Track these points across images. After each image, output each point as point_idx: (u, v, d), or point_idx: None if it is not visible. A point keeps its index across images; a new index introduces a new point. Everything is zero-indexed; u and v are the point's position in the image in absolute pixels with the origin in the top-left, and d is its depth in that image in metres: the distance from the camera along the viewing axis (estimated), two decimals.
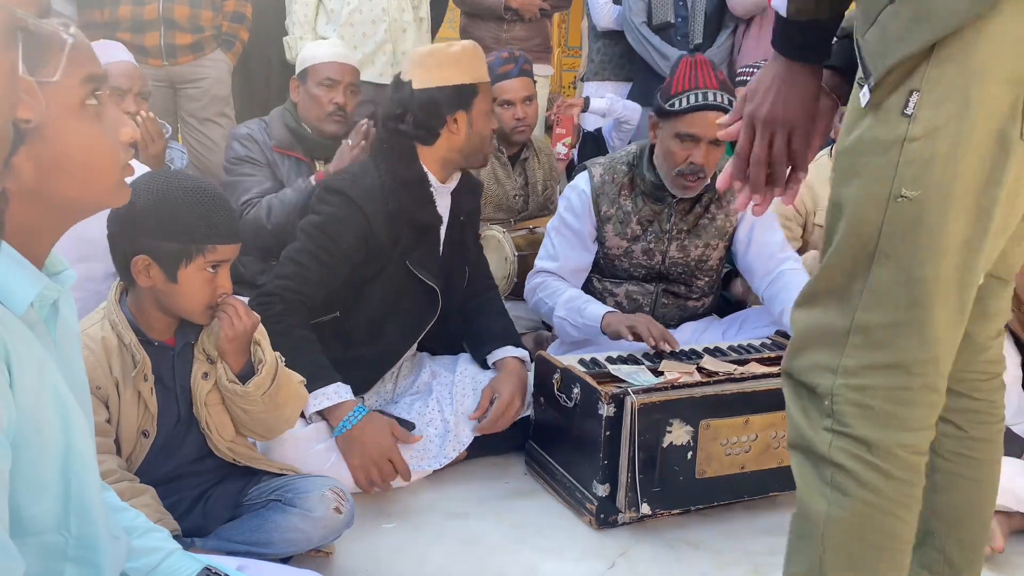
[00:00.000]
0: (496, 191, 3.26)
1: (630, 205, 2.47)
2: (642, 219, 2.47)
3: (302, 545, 1.70)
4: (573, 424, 2.05)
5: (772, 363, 2.16)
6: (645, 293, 2.56)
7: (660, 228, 2.48)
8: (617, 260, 2.52)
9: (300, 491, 1.72)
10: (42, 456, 0.94)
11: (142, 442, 1.65)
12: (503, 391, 2.21)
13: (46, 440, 0.95)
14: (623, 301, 2.55)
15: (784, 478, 2.01)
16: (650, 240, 2.49)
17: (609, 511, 1.97)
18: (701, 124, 2.27)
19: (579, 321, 2.38)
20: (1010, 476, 1.93)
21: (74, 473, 0.98)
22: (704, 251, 2.51)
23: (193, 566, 1.20)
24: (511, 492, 2.18)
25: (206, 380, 1.69)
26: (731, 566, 1.88)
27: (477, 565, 1.87)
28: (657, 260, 2.51)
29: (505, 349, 2.32)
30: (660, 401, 1.90)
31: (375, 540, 1.93)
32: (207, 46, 3.69)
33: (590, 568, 1.86)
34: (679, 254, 2.50)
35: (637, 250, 2.50)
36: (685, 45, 4.04)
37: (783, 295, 2.37)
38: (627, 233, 2.48)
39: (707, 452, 1.94)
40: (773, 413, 1.98)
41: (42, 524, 0.96)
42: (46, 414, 0.94)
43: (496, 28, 4.06)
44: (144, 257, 1.57)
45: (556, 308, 2.44)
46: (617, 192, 2.47)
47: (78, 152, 0.92)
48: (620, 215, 2.47)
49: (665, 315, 2.57)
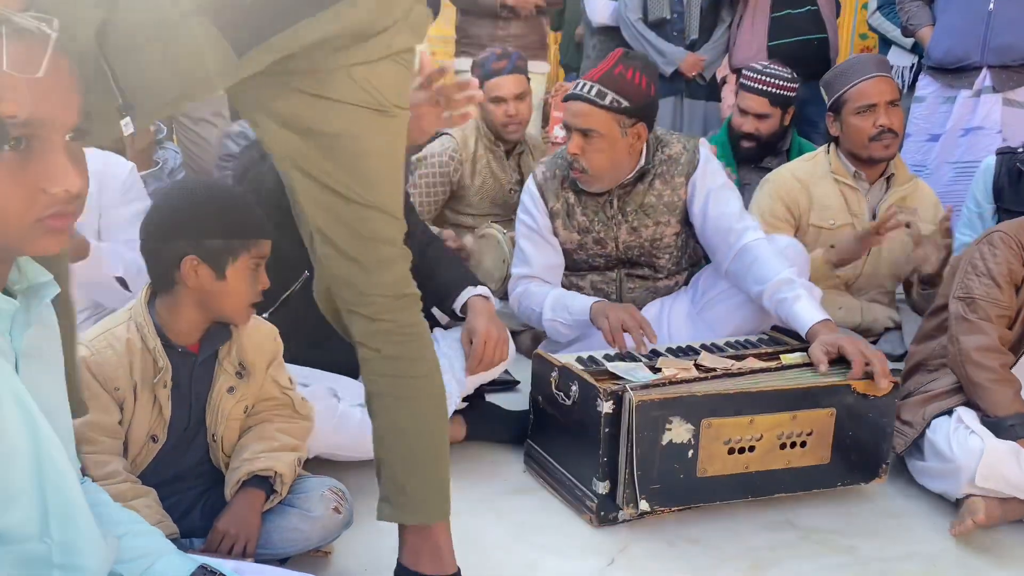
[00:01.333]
0: (492, 185, 3.26)
1: (572, 197, 2.49)
2: (586, 209, 2.48)
3: (301, 545, 1.69)
4: (572, 422, 2.05)
5: (770, 358, 2.15)
6: (608, 281, 2.57)
7: (605, 215, 2.48)
8: (575, 253, 2.54)
9: (299, 491, 1.72)
10: (9, 465, 0.93)
11: (150, 446, 1.66)
12: (477, 328, 2.16)
13: (9, 449, 0.93)
14: (589, 291, 2.56)
15: (791, 480, 2.02)
16: (599, 229, 2.49)
17: (609, 508, 1.97)
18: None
19: (568, 318, 2.39)
20: (1001, 461, 1.93)
21: (49, 480, 0.98)
22: (656, 229, 2.50)
23: (188, 566, 1.20)
24: (510, 490, 2.18)
25: (231, 395, 1.69)
26: (731, 561, 1.88)
27: (476, 563, 1.86)
28: (611, 247, 2.51)
29: (465, 291, 2.26)
30: (659, 398, 1.89)
31: (374, 539, 1.92)
32: None
33: (589, 565, 1.86)
34: (631, 236, 2.50)
35: (589, 241, 2.51)
36: (681, 41, 4.03)
37: (756, 272, 2.29)
38: (575, 225, 2.50)
39: (709, 451, 1.93)
40: (779, 414, 1.96)
41: (21, 533, 0.96)
42: (7, 424, 0.93)
43: (492, 26, 4.06)
44: (193, 257, 1.58)
45: (544, 311, 2.45)
46: (559, 185, 2.50)
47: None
48: (565, 207, 2.50)
49: (635, 299, 2.56)
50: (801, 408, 1.97)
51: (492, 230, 3.09)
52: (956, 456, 1.99)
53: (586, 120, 2.35)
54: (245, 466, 1.66)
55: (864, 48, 6.08)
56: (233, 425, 1.72)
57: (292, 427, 1.77)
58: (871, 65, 2.86)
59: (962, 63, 3.52)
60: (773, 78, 3.32)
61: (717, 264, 2.49)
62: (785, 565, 1.88)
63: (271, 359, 1.78)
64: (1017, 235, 2.10)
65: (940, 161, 3.60)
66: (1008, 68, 3.48)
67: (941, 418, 2.10)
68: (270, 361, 1.78)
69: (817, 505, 2.08)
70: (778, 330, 2.36)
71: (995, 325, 2.07)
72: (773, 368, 2.08)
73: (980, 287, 2.09)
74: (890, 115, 2.73)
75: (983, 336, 2.06)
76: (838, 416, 2.00)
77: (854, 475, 2.07)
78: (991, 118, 3.49)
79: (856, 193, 2.85)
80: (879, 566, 1.89)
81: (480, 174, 3.23)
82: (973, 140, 3.54)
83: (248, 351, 1.72)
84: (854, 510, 2.09)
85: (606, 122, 2.34)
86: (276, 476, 1.66)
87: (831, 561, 1.90)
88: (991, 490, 1.94)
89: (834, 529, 2.02)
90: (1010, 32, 3.42)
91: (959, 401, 2.10)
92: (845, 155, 2.84)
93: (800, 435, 1.98)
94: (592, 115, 2.34)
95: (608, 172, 2.41)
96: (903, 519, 2.08)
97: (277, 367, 1.80)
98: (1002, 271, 2.07)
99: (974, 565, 1.90)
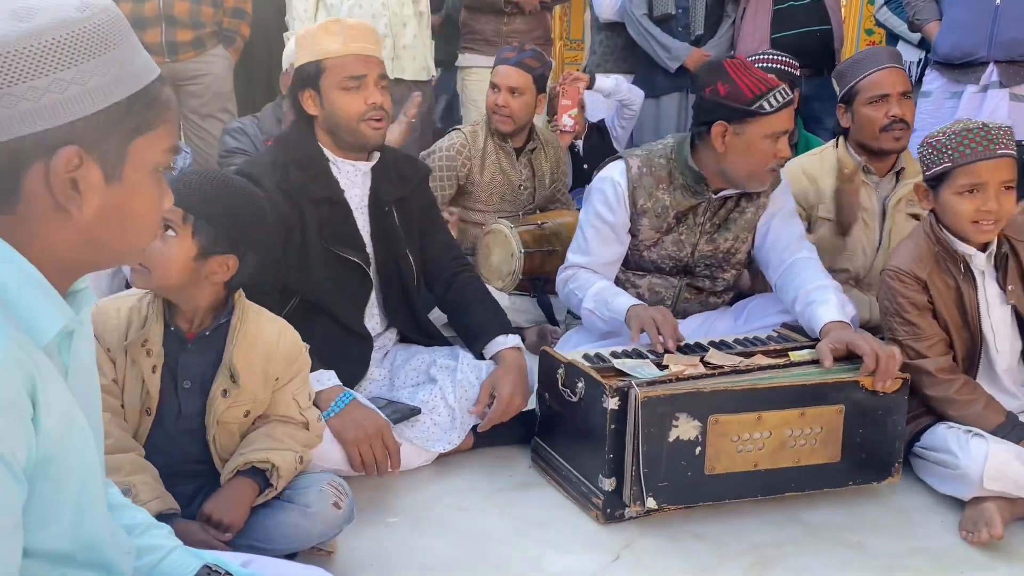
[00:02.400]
0: (501, 182, 3.25)
1: (668, 199, 2.45)
2: (679, 213, 2.46)
3: (302, 542, 1.69)
4: (578, 418, 2.05)
5: (778, 355, 2.14)
6: (668, 286, 2.56)
7: (693, 221, 2.48)
8: (646, 251, 2.52)
9: (298, 487, 1.72)
10: (58, 491, 0.94)
11: (145, 420, 1.68)
12: (502, 388, 2.19)
13: (63, 475, 0.94)
14: (645, 293, 2.55)
15: (800, 478, 2.01)
16: (682, 232, 2.49)
17: (615, 505, 1.96)
18: (783, 121, 2.31)
19: (606, 314, 2.38)
20: (1006, 463, 1.93)
21: (86, 506, 0.98)
22: (733, 244, 2.51)
23: (194, 563, 1.20)
24: (515, 485, 2.18)
25: (225, 398, 1.69)
26: (736, 557, 1.88)
27: (481, 559, 1.87)
28: (686, 253, 2.51)
29: (497, 341, 2.30)
30: (665, 395, 1.89)
31: (379, 535, 1.93)
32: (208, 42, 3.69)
33: (595, 561, 1.86)
34: (708, 247, 2.50)
35: (668, 241, 2.50)
36: (686, 36, 4.02)
37: (796, 282, 2.35)
38: (662, 227, 2.48)
39: (716, 448, 1.92)
40: (788, 411, 1.95)
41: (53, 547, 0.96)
42: (65, 445, 0.93)
43: (496, 21, 4.06)
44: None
45: (585, 299, 2.43)
46: (655, 185, 2.45)
47: (142, 210, 0.96)
48: (657, 208, 2.46)
49: (687, 309, 2.58)
50: (809, 405, 1.96)
51: (500, 225, 3.08)
52: (961, 460, 1.99)
53: (791, 120, 2.35)
54: (241, 458, 1.67)
55: (870, 43, 6.06)
56: (230, 428, 1.72)
57: (300, 435, 1.77)
58: (884, 56, 2.84)
59: (969, 58, 3.50)
60: (774, 55, 3.28)
61: (768, 276, 2.52)
62: (791, 561, 1.88)
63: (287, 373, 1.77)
64: (899, 267, 2.18)
65: None
66: (1015, 63, 3.47)
67: (929, 430, 2.13)
68: (287, 376, 1.77)
69: (823, 501, 2.07)
70: (788, 327, 2.35)
71: (932, 357, 2.13)
72: (781, 365, 2.07)
73: (899, 330, 2.18)
74: (902, 106, 2.72)
75: (926, 375, 2.13)
76: (847, 413, 1.99)
77: (865, 474, 2.06)
78: (998, 113, 3.46)
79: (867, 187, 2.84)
80: (886, 561, 1.89)
81: (489, 170, 3.22)
82: None
83: (246, 357, 1.70)
84: (860, 506, 2.09)
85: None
86: (272, 469, 1.67)
87: (837, 557, 1.90)
88: (999, 492, 1.94)
89: (840, 525, 2.01)
90: (1017, 27, 3.41)
91: (932, 420, 2.14)
92: (855, 147, 2.83)
93: (809, 433, 1.97)
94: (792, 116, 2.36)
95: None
96: (910, 515, 2.07)
97: (300, 385, 1.79)
98: (905, 307, 2.16)
99: (981, 561, 1.90)
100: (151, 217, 0.98)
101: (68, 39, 0.86)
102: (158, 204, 0.98)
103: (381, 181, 2.34)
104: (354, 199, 2.31)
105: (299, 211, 2.19)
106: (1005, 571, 1.87)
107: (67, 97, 0.86)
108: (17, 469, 0.86)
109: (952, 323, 2.16)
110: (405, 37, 3.55)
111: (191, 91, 3.74)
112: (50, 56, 0.85)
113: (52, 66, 0.85)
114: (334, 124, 2.24)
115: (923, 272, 2.15)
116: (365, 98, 2.22)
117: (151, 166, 0.95)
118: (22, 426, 0.86)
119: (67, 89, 0.86)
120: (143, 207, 0.96)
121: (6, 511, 0.86)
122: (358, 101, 2.22)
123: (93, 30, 0.88)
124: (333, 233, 2.24)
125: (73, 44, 0.86)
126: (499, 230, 3.07)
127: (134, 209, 0.95)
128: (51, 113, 0.85)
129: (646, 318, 2.23)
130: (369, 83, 2.23)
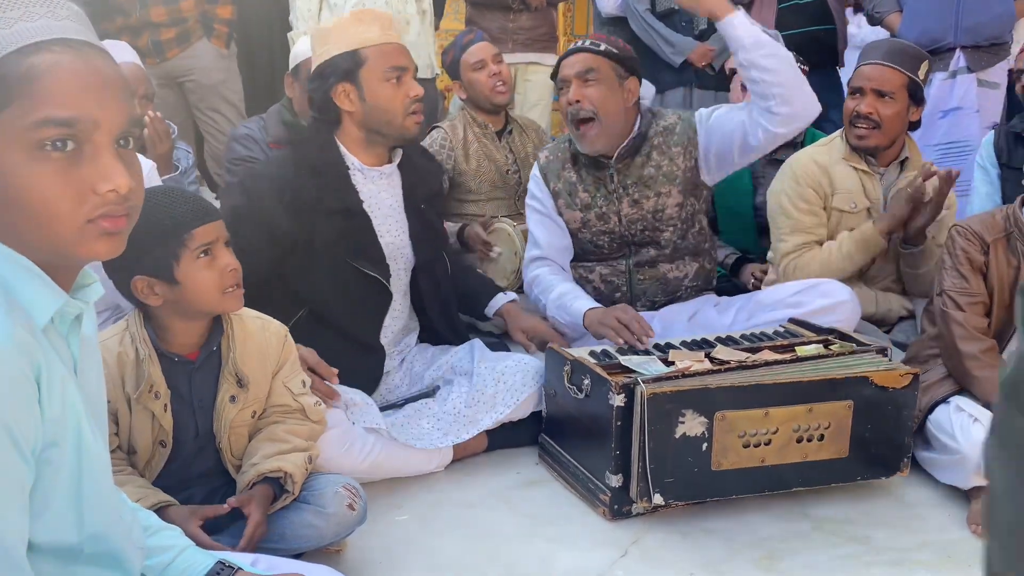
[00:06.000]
0: (488, 167, 3.26)
1: (574, 176, 2.54)
2: (587, 186, 2.52)
3: (315, 541, 1.70)
4: (584, 415, 2.05)
5: (784, 351, 2.14)
6: (618, 273, 2.57)
7: (607, 189, 2.51)
8: (579, 233, 2.56)
9: (313, 488, 1.73)
10: (58, 475, 0.94)
11: (160, 451, 1.67)
12: (535, 324, 2.44)
13: (64, 460, 0.95)
14: (600, 286, 2.58)
15: (808, 473, 2.00)
16: (601, 204, 2.52)
17: (623, 502, 1.97)
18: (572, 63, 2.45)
19: (567, 319, 2.41)
20: None
21: (91, 495, 0.98)
22: (657, 200, 2.50)
23: (206, 561, 1.21)
24: (523, 483, 2.18)
25: (233, 404, 1.69)
26: (744, 552, 1.88)
27: (489, 556, 1.87)
28: (614, 222, 2.52)
29: (496, 299, 2.52)
30: (671, 391, 1.89)
31: (388, 532, 1.93)
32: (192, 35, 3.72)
33: (603, 557, 1.87)
34: (633, 210, 2.51)
35: (592, 217, 2.53)
36: (690, 31, 4.01)
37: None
38: (577, 203, 2.53)
39: (723, 444, 1.92)
40: (795, 406, 1.95)
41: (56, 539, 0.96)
42: (64, 432, 0.94)
43: (502, 18, 4.05)
44: (140, 278, 1.57)
45: (548, 306, 2.50)
46: (560, 167, 2.55)
47: (30, 194, 0.89)
48: (567, 187, 2.54)
49: (646, 291, 2.57)
50: (817, 400, 1.96)
51: (503, 224, 3.09)
52: (961, 445, 1.99)
53: (584, 62, 2.41)
54: (253, 469, 1.66)
55: None
56: (240, 431, 1.72)
57: (302, 429, 1.77)
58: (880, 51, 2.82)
59: (936, 44, 3.55)
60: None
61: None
62: (799, 555, 1.88)
63: (278, 363, 1.77)
64: (970, 225, 2.24)
65: (922, 145, 3.59)
66: (980, 48, 3.56)
67: (940, 408, 2.12)
68: (278, 365, 1.77)
69: (831, 495, 2.07)
70: (795, 322, 2.35)
71: (969, 313, 2.17)
72: (788, 360, 2.07)
73: (948, 280, 2.22)
74: (875, 104, 2.66)
75: (959, 326, 2.16)
76: (856, 408, 1.98)
77: (874, 469, 2.05)
78: (968, 98, 3.55)
79: (872, 178, 2.83)
80: (893, 556, 1.89)
81: (474, 158, 3.23)
82: (953, 121, 3.60)
83: (248, 359, 1.70)
84: (868, 500, 2.09)
85: (603, 65, 2.42)
86: (286, 476, 1.67)
87: (845, 551, 1.90)
88: None
89: (848, 519, 2.01)
90: (979, 12, 3.50)
91: (952, 389, 2.14)
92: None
93: (817, 428, 1.97)
94: (590, 59, 2.42)
95: (612, 118, 2.41)
96: (917, 509, 2.07)
97: (290, 371, 1.79)
98: (961, 260, 2.20)
99: None
100: (46, 202, 0.89)
101: None
102: (49, 187, 0.89)
103: (411, 180, 2.30)
104: (384, 205, 2.25)
105: (308, 225, 2.12)
106: None
107: None
108: (25, 449, 0.87)
109: (999, 298, 2.18)
110: (408, 35, 3.56)
111: (188, 87, 3.79)
112: None
113: None
114: (376, 119, 2.16)
115: (989, 237, 2.20)
116: (407, 91, 2.14)
117: (22, 144, 0.88)
118: (30, 407, 0.88)
119: None
120: (25, 192, 0.88)
121: (12, 488, 0.86)
122: (401, 93, 2.13)
123: None
124: (350, 246, 2.17)
125: None
126: (501, 229, 3.08)
127: (15, 195, 0.89)
128: None
129: (608, 320, 2.25)
130: (409, 75, 2.17)
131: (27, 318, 0.90)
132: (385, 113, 2.15)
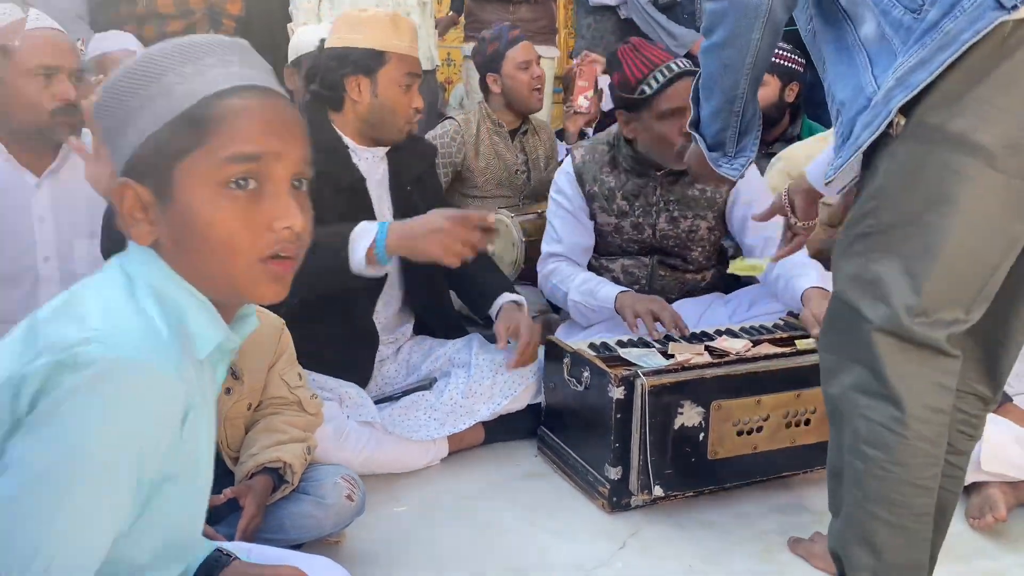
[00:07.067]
0: (497, 166, 3.25)
1: (613, 181, 2.50)
2: (627, 194, 2.49)
3: (314, 532, 1.71)
4: (584, 407, 2.05)
5: (784, 343, 2.15)
6: (640, 266, 2.56)
7: (647, 201, 2.49)
8: (609, 236, 2.55)
9: (312, 479, 1.73)
10: (163, 506, 0.96)
11: None
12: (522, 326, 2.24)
13: (171, 492, 0.96)
14: (620, 276, 2.56)
15: (797, 458, 2.02)
16: (638, 214, 2.50)
17: (622, 494, 1.97)
18: (678, 95, 2.29)
19: (593, 303, 2.39)
20: (1006, 445, 1.93)
21: (178, 526, 1.00)
22: (693, 222, 2.51)
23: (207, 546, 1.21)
24: (522, 475, 2.19)
25: (228, 396, 1.69)
26: (742, 544, 1.89)
27: (489, 548, 1.88)
28: (648, 234, 2.52)
29: (501, 297, 2.36)
30: (670, 383, 1.89)
31: (387, 524, 1.94)
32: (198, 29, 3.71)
33: (601, 549, 1.87)
34: (669, 226, 2.51)
35: (627, 225, 2.52)
36: (692, 23, 4.00)
37: (785, 265, 2.31)
38: (614, 209, 2.51)
39: (719, 433, 1.94)
40: (784, 393, 1.97)
41: (122, 566, 0.97)
42: (185, 468, 0.96)
43: (502, 10, 4.04)
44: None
45: (570, 292, 2.45)
46: (598, 169, 2.51)
47: (212, 230, 0.93)
48: (604, 191, 2.50)
49: (664, 287, 2.57)
50: (805, 387, 1.98)
51: (500, 215, 3.09)
52: None
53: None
54: (252, 460, 1.67)
55: None
56: (236, 423, 1.73)
57: (299, 420, 1.77)
58: None
59: None
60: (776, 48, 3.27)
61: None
62: None
63: (275, 355, 1.77)
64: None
65: None
66: None
67: None
68: (274, 358, 1.77)
69: None
70: (794, 315, 2.35)
71: None
72: (788, 354, 2.08)
73: None
74: None
75: None
76: None
77: None
78: None
79: None
80: None
81: (484, 156, 3.23)
82: None
83: (243, 351, 1.69)
84: None
85: None
86: (285, 466, 1.67)
87: None
88: (998, 474, 1.94)
89: None
90: None
91: None
92: None
93: (804, 413, 2.00)
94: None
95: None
96: None
97: (286, 364, 1.79)
98: None
99: (987, 548, 1.90)
100: (227, 236, 0.93)
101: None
102: (231, 222, 0.93)
103: (398, 161, 2.33)
104: (372, 183, 2.29)
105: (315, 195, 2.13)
106: (1011, 559, 1.87)
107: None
108: (144, 481, 0.90)
109: None
110: None
111: None
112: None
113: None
114: (379, 116, 2.22)
115: None
116: (413, 100, 2.25)
117: (210, 181, 0.93)
118: (166, 441, 0.90)
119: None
120: (209, 227, 0.93)
121: (113, 516, 0.88)
122: (408, 100, 2.23)
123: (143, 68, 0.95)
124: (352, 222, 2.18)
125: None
126: (499, 220, 3.07)
127: (199, 229, 0.93)
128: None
129: (642, 309, 2.24)
130: (416, 86, 2.25)
131: (193, 349, 0.95)
132: (391, 114, 2.21)
